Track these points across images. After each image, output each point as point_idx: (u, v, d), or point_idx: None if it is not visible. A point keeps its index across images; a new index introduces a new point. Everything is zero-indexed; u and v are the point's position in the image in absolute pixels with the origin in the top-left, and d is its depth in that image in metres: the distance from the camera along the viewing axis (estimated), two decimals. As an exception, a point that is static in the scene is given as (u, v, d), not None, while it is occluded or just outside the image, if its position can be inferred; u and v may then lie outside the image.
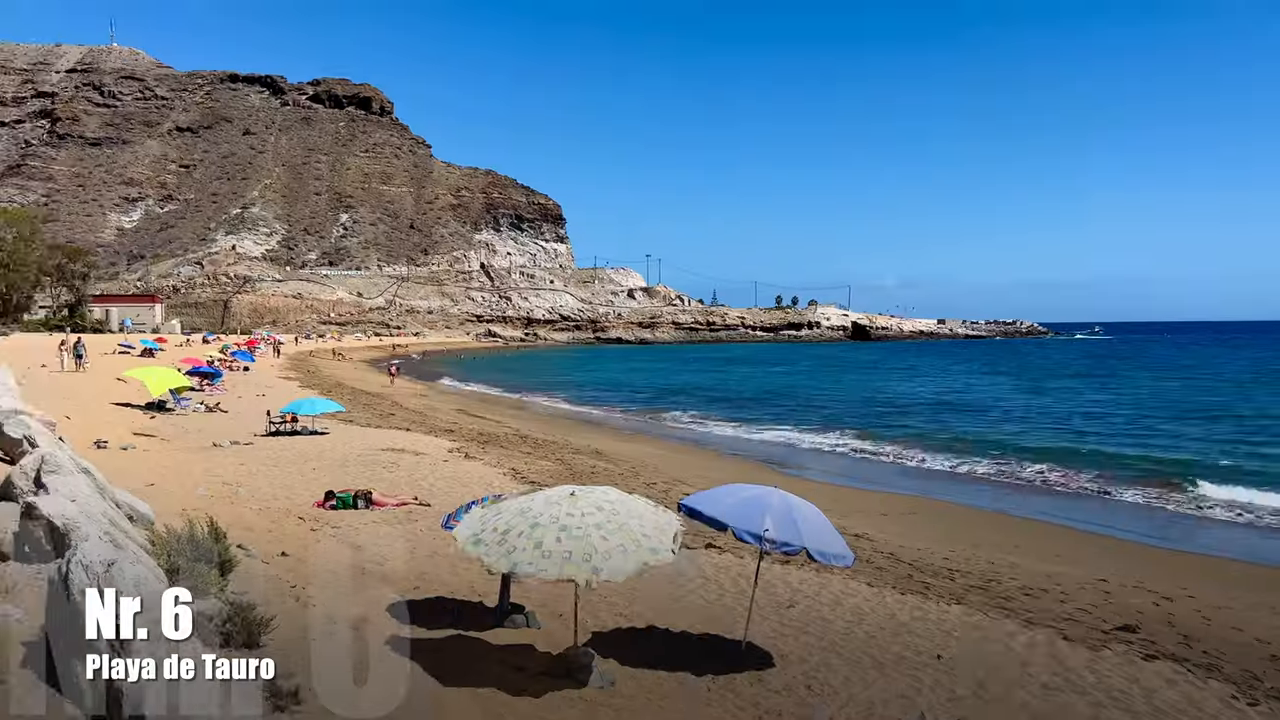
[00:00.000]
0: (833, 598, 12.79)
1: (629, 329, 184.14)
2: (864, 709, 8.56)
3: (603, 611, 11.11)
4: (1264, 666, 11.11)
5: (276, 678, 5.84)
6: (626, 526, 7.98)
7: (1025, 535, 19.87)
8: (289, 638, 6.96)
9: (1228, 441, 36.21)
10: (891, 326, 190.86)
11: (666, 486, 21.76)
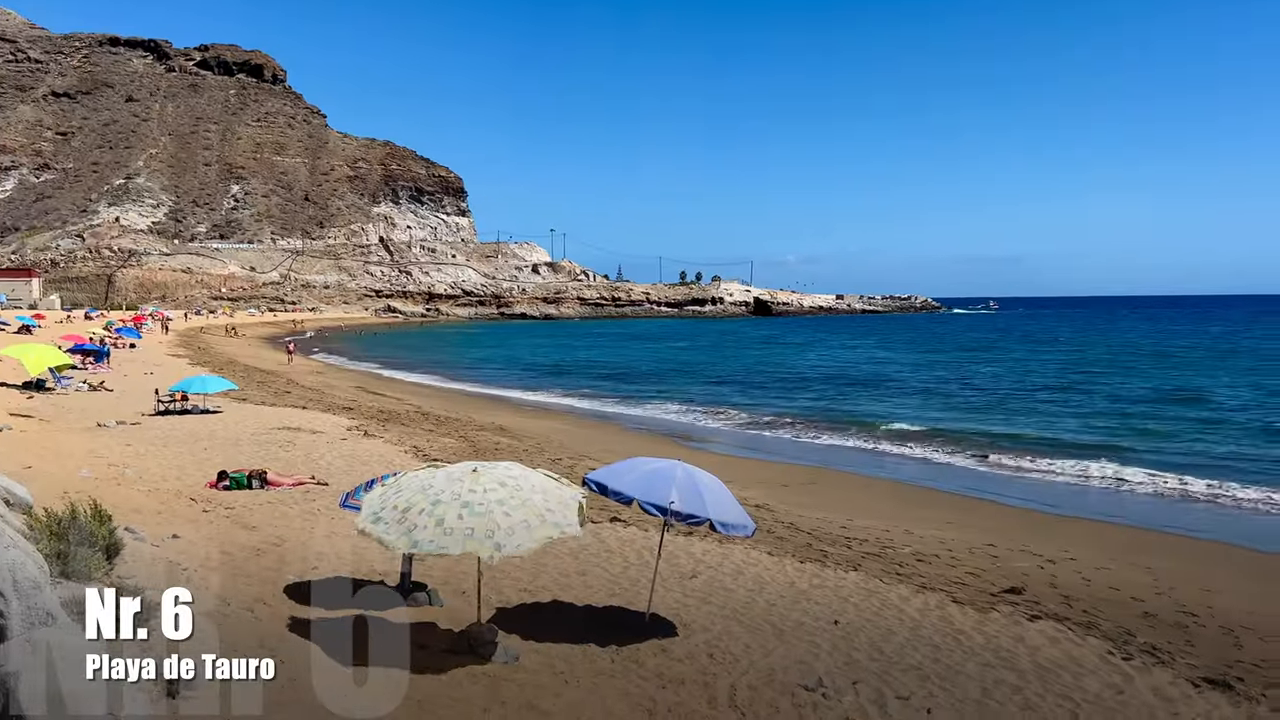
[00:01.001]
0: (735, 567, 13.00)
1: (534, 305, 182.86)
2: (764, 675, 8.74)
3: (507, 587, 11.07)
4: (1137, 624, 11.74)
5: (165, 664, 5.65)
6: (530, 502, 7.94)
7: (919, 504, 20.51)
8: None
9: (1103, 414, 38.01)
10: (792, 302, 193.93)
11: (572, 462, 21.76)
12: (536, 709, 7.31)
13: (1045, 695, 8.97)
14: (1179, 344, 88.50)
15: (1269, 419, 34.08)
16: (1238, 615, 12.31)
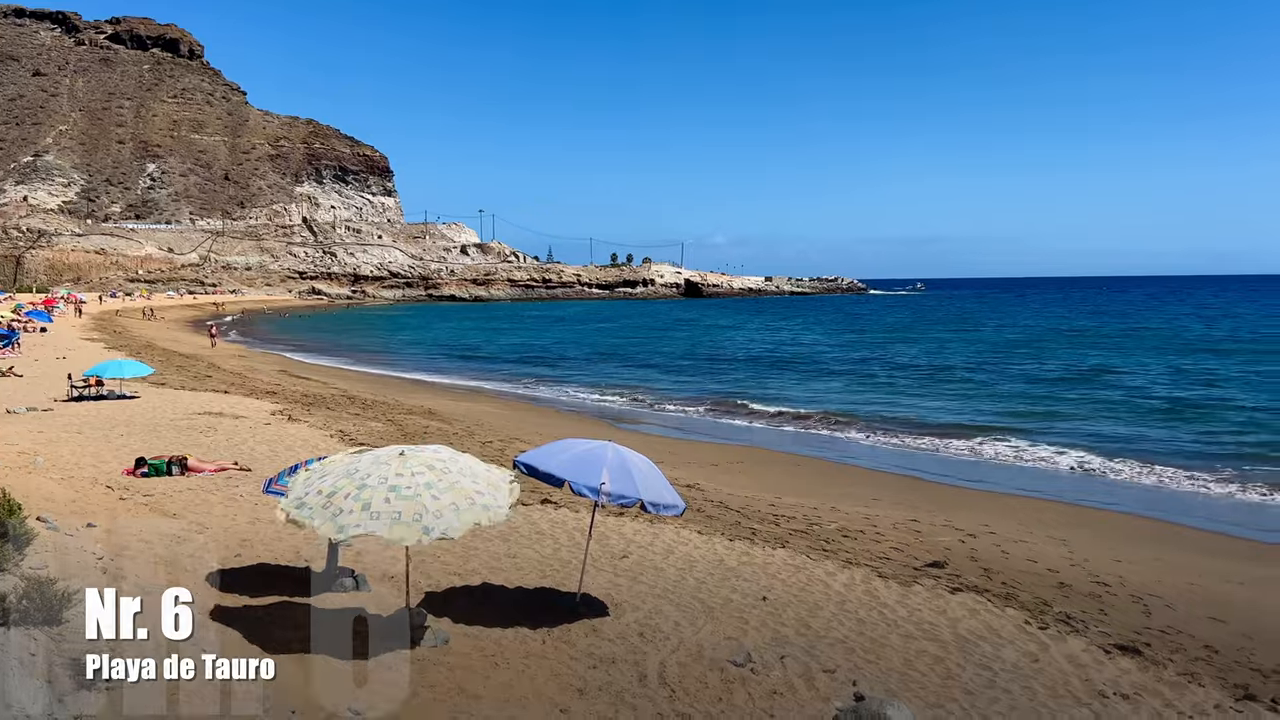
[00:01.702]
0: (665, 547, 13.09)
1: (463, 286, 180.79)
2: (694, 652, 8.83)
3: (436, 571, 10.99)
4: (1053, 594, 12.15)
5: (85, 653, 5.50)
6: (459, 485, 7.88)
7: (845, 481, 20.89)
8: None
9: (1021, 392, 39.12)
10: (722, 284, 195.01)
11: (502, 445, 21.66)
12: (466, 692, 7.28)
13: (965, 665, 9.23)
14: (1092, 324, 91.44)
15: (1174, 395, 35.39)
16: (1147, 584, 12.82)
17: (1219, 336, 69.53)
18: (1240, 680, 9.33)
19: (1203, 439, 26.44)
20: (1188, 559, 14.62)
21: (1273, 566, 14.51)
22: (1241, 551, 15.53)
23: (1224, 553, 15.33)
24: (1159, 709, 8.43)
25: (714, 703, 7.60)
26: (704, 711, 7.41)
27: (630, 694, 7.64)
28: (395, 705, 6.87)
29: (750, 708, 7.57)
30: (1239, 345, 60.30)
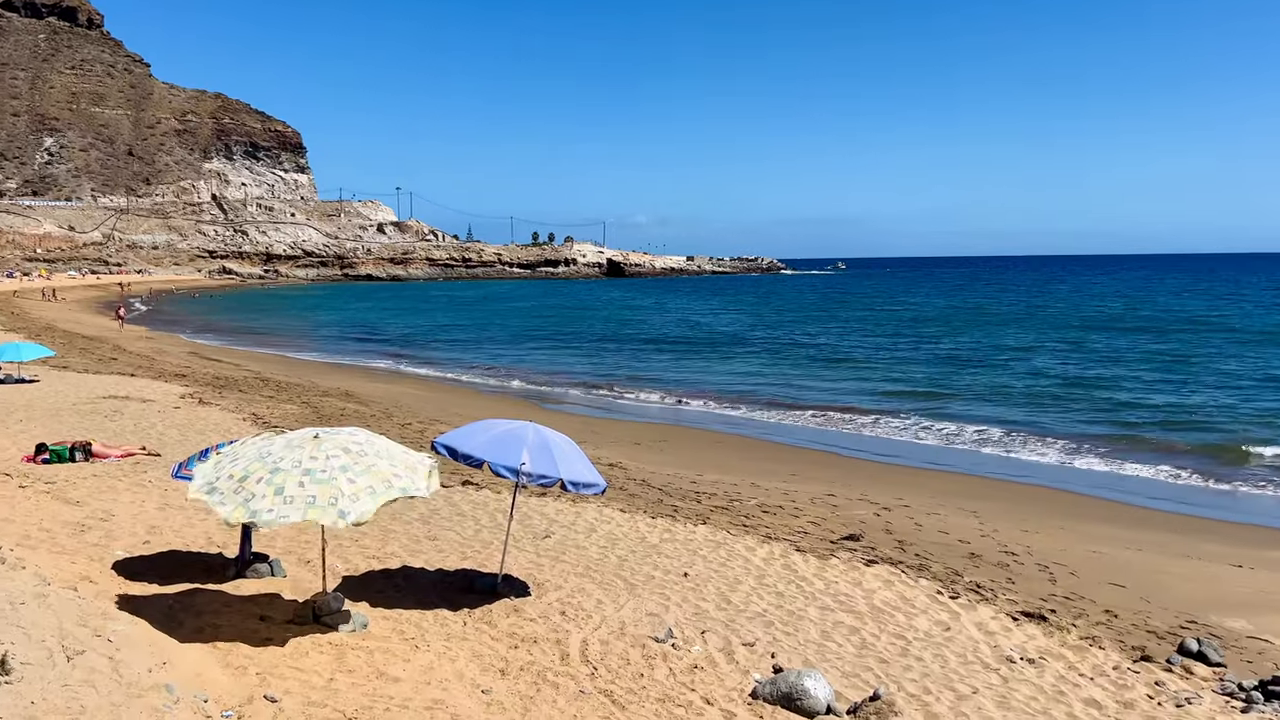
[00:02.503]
0: (588, 525, 13.12)
1: (380, 265, 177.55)
2: (616, 629, 8.87)
3: (354, 555, 10.83)
4: (964, 564, 12.53)
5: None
6: (375, 468, 7.75)
7: (765, 458, 21.19)
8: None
9: (933, 369, 40.12)
10: (644, 264, 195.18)
11: (422, 427, 21.40)
12: (386, 675, 7.19)
13: (880, 635, 9.47)
14: (994, 302, 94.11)
15: (1072, 372, 36.62)
16: (1052, 553, 13.31)
17: (1112, 314, 72.06)
18: (1137, 642, 9.76)
19: (1099, 414, 27.46)
20: (1089, 528, 15.21)
21: (1167, 532, 15.18)
22: (1138, 519, 16.22)
23: (1122, 521, 15.99)
24: (1062, 672, 8.77)
25: (635, 679, 7.66)
26: (625, 688, 7.45)
27: (552, 672, 7.64)
28: (313, 691, 6.76)
29: (671, 683, 7.65)
30: (1135, 323, 62.68)
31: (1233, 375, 34.59)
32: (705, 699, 7.34)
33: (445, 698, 6.86)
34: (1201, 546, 14.23)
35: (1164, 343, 47.64)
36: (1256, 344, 45.63)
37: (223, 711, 6.25)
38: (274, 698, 6.56)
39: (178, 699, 5.89)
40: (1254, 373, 35.31)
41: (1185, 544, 14.35)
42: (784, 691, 7.27)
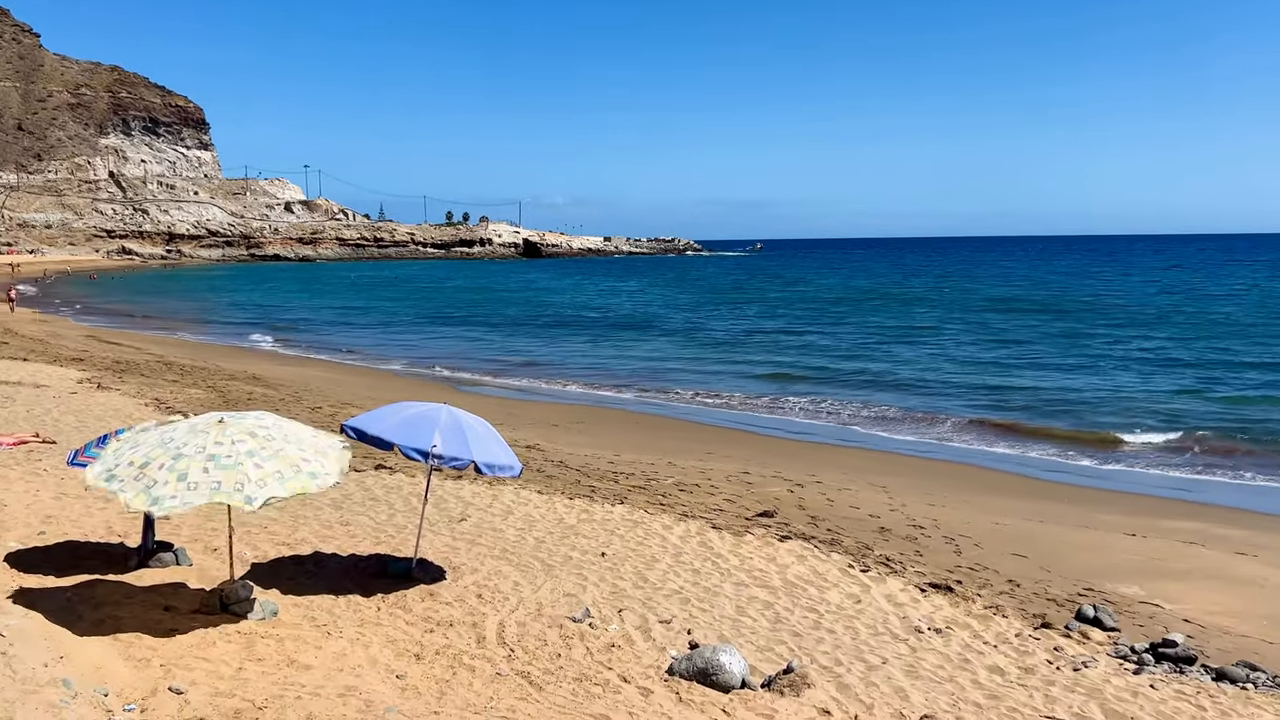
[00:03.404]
0: (505, 508, 13.05)
1: (288, 246, 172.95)
2: (533, 610, 8.86)
3: (263, 542, 10.58)
4: (874, 538, 12.84)
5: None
6: (283, 452, 7.57)
7: (681, 437, 21.34)
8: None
9: (845, 348, 40.90)
10: (561, 244, 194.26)
11: (333, 410, 20.98)
12: (297, 663, 7.05)
13: (794, 609, 9.65)
14: (907, 282, 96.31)
15: (988, 355, 37.69)
16: (958, 525, 13.72)
17: (1014, 295, 74.27)
18: (1038, 610, 10.15)
19: (1002, 392, 28.35)
20: (993, 501, 15.72)
21: (1066, 504, 15.78)
22: (1039, 492, 16.82)
23: (1024, 494, 16.57)
24: (968, 640, 9.06)
25: (553, 659, 7.66)
26: (543, 668, 7.45)
27: (468, 655, 7.59)
28: (220, 681, 6.59)
29: (589, 662, 7.67)
30: (1038, 305, 64.77)
31: (1122, 358, 35.89)
32: (622, 677, 7.38)
33: (359, 684, 6.77)
34: (1097, 517, 14.83)
35: (1063, 322, 49.31)
36: (1146, 325, 47.44)
37: (125, 705, 6.06)
38: (179, 689, 6.39)
39: (76, 694, 5.69)
40: (1139, 354, 36.67)
41: (1082, 515, 14.94)
42: (700, 667, 7.36)
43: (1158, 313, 54.09)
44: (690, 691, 7.10)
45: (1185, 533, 13.89)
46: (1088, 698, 7.81)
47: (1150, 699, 7.87)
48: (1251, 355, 34.79)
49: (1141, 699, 7.85)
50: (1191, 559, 12.52)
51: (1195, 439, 20.92)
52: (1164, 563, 12.30)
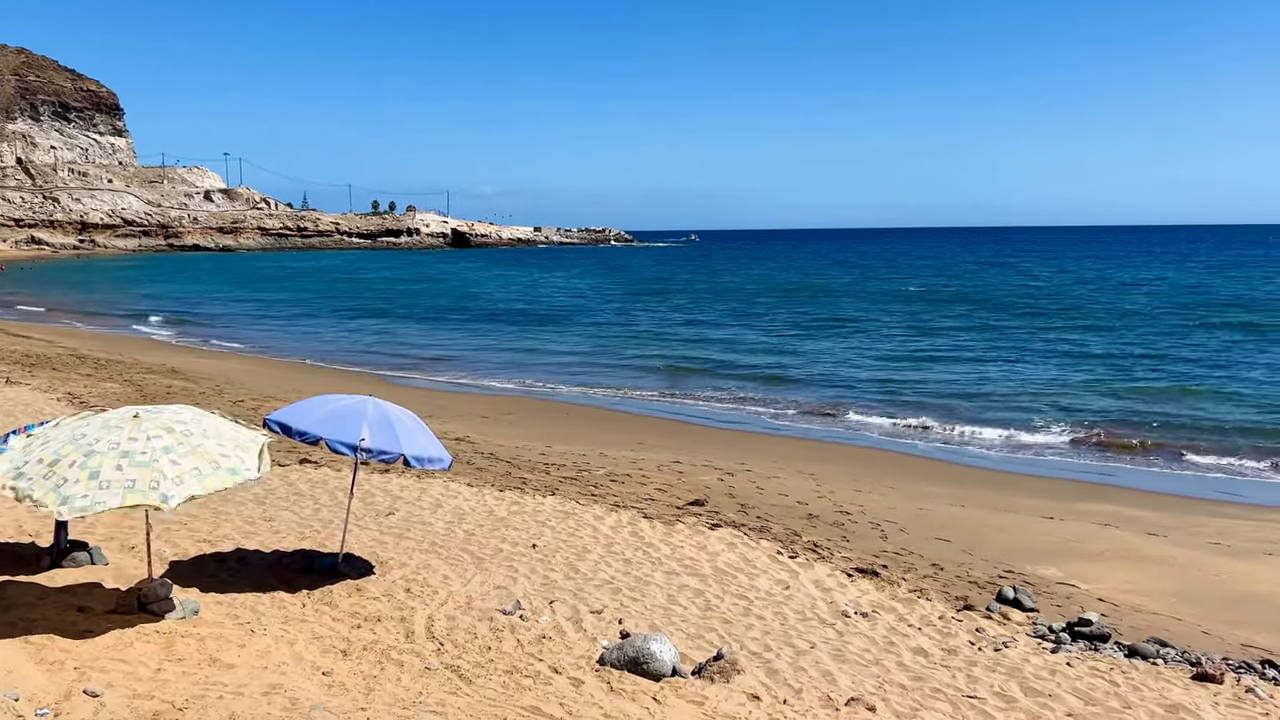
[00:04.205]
0: (434, 501, 12.92)
1: (208, 235, 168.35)
2: (463, 603, 8.78)
3: (183, 539, 10.30)
4: (803, 524, 13.02)
5: None
6: (202, 448, 7.36)
7: (613, 427, 21.36)
8: None
9: (771, 339, 41.33)
10: (490, 234, 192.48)
11: (256, 404, 20.52)
12: (219, 662, 6.88)
13: (724, 596, 9.73)
14: (841, 276, 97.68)
15: (910, 346, 38.34)
16: (883, 511, 13.99)
17: (932, 286, 75.78)
18: (960, 593, 10.41)
19: (929, 380, 28.97)
20: (918, 487, 16.06)
21: (988, 489, 16.20)
22: (961, 478, 17.24)
23: (948, 480, 16.96)
24: (893, 623, 9.25)
25: (483, 652, 7.61)
26: (473, 661, 7.39)
27: (397, 650, 7.49)
28: (138, 683, 6.40)
29: (519, 654, 7.63)
30: (959, 296, 66.21)
31: (1036, 349, 36.71)
32: (553, 668, 7.36)
33: (283, 681, 6.63)
34: (1017, 501, 15.25)
35: (981, 313, 50.44)
36: (1059, 316, 48.66)
37: (37, 710, 5.85)
38: (95, 692, 6.18)
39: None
40: (1052, 345, 37.51)
41: (1003, 500, 15.36)
42: (631, 656, 7.37)
43: (1073, 303, 55.69)
44: (621, 681, 7.11)
45: (1100, 515, 14.36)
46: (1008, 677, 8.03)
47: (1067, 676, 8.12)
48: (1159, 347, 35.99)
49: (1059, 677, 8.10)
50: (1106, 540, 12.95)
51: (1105, 427, 21.60)
52: (1080, 544, 12.70)
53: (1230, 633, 9.67)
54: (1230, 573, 11.59)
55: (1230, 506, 15.44)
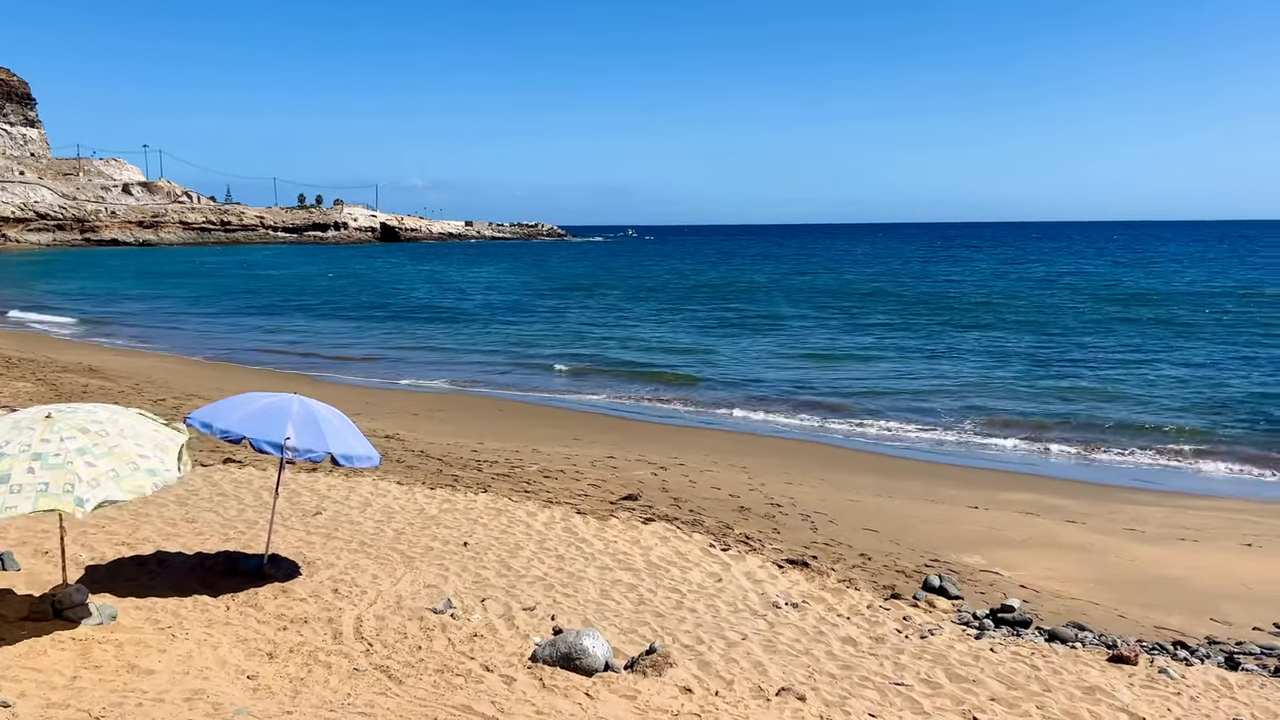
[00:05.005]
0: (362, 500, 12.73)
1: (127, 230, 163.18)
2: (392, 603, 8.67)
3: (100, 543, 9.99)
4: (735, 517, 13.12)
5: None
6: (120, 449, 7.13)
7: (546, 424, 21.28)
8: None
9: (693, 338, 41.54)
10: (420, 228, 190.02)
11: (178, 402, 20.00)
12: (138, 668, 6.69)
13: (657, 590, 9.77)
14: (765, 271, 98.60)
15: (834, 342, 38.79)
16: (813, 503, 14.17)
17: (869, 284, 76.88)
18: (888, 582, 10.60)
19: (855, 376, 29.43)
20: (847, 478, 16.31)
21: (914, 479, 16.52)
22: (889, 469, 17.56)
23: (876, 471, 17.25)
24: (822, 613, 9.38)
25: (413, 652, 7.52)
26: (403, 661, 7.30)
27: (324, 652, 7.36)
28: (52, 692, 6.18)
29: (450, 653, 7.56)
30: (877, 293, 67.31)
31: (951, 345, 37.41)
32: (485, 666, 7.31)
33: (206, 687, 6.47)
34: (943, 491, 15.58)
35: (900, 310, 51.33)
36: (971, 311, 49.56)
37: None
38: (6, 703, 5.96)
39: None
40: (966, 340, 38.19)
41: (929, 490, 15.68)
42: (563, 652, 7.35)
43: (992, 299, 56.94)
44: (554, 677, 7.09)
45: (1022, 504, 14.75)
46: (934, 664, 8.20)
47: (990, 661, 8.33)
48: (1075, 340, 37.02)
49: (983, 662, 8.30)
50: (1028, 528, 13.30)
51: (1022, 419, 22.18)
52: (1003, 532, 13.03)
53: (1144, 615, 10.01)
54: (1144, 558, 12.00)
55: (1144, 494, 15.99)
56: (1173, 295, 56.46)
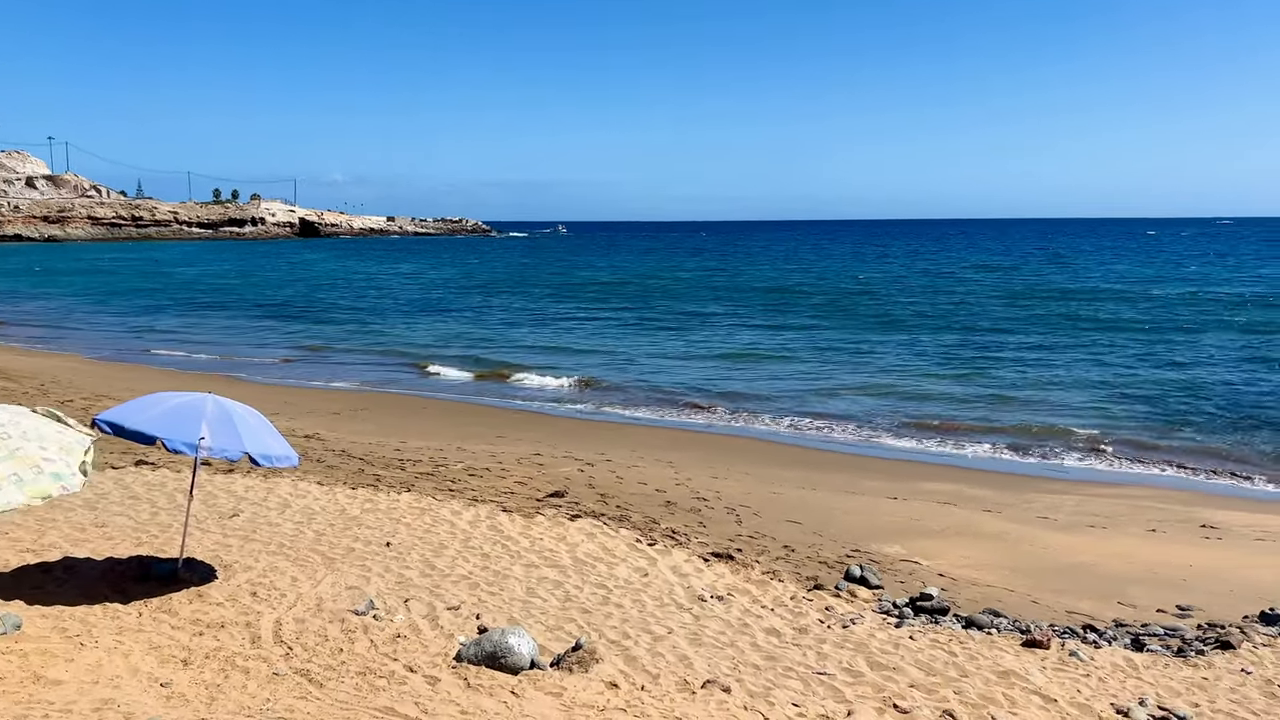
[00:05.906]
0: (281, 501, 12.46)
1: (31, 225, 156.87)
2: (313, 605, 8.50)
3: (4, 550, 9.59)
4: (661, 512, 13.18)
5: None
6: (21, 451, 6.86)
7: (471, 422, 21.09)
8: None
9: (619, 338, 41.60)
10: (341, 224, 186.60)
11: (87, 404, 19.32)
12: (44, 679, 6.44)
13: (583, 586, 9.76)
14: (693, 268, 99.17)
15: (755, 341, 39.17)
16: (738, 496, 14.32)
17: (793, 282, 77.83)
18: (811, 573, 10.76)
19: (781, 375, 29.79)
20: (771, 472, 16.50)
21: (836, 472, 16.80)
22: (811, 462, 17.81)
23: (799, 464, 17.48)
24: (747, 605, 9.48)
25: (334, 654, 7.38)
26: (324, 664, 7.16)
27: (242, 657, 7.19)
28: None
29: (373, 654, 7.45)
30: (807, 291, 68.31)
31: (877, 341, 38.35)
32: (408, 667, 7.21)
33: (117, 696, 6.26)
34: (864, 483, 15.87)
35: (822, 307, 52.19)
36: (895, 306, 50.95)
37: None
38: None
39: None
40: (888, 336, 39.33)
41: (851, 482, 15.95)
42: (488, 651, 7.30)
43: (916, 295, 58.20)
44: (479, 676, 7.03)
45: (940, 494, 15.11)
46: (855, 652, 8.35)
47: (910, 649, 8.51)
48: (992, 335, 38.05)
49: (903, 650, 8.49)
50: (946, 518, 13.63)
51: (937, 412, 22.73)
52: (922, 522, 13.33)
53: (1057, 601, 10.35)
54: (1057, 545, 12.39)
55: (1057, 483, 16.51)
56: (1093, 291, 58.32)
